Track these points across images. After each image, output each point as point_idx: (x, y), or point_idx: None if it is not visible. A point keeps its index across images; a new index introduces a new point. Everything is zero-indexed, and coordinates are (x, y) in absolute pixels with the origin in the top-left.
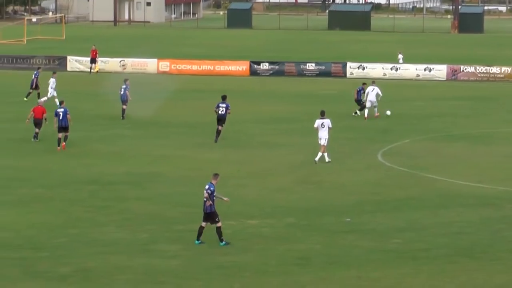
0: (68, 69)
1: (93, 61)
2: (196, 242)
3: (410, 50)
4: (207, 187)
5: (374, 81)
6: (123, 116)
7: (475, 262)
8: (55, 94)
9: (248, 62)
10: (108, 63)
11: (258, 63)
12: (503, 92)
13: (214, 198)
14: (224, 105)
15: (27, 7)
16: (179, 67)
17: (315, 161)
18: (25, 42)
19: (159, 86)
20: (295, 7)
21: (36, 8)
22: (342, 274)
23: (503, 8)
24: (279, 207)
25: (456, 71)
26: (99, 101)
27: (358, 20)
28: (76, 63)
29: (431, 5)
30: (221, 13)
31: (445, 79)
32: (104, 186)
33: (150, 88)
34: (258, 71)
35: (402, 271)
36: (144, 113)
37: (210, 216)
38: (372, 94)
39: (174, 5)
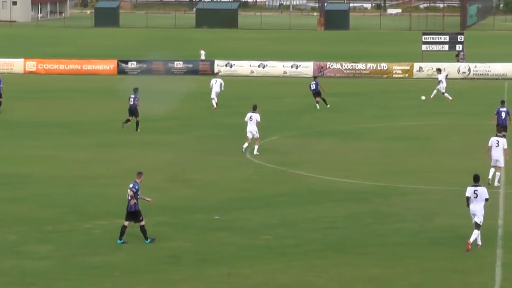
0: None
1: None
2: (119, 241)
3: (277, 47)
4: (131, 185)
5: (218, 72)
6: None
7: (345, 256)
8: None
9: (115, 61)
10: None
11: (126, 62)
12: (369, 88)
13: (138, 197)
14: (133, 96)
15: None
16: (46, 66)
17: (242, 149)
18: None
19: (28, 86)
20: (162, 6)
21: None
22: (213, 272)
23: (368, 5)
24: (149, 206)
25: (322, 67)
26: None
27: (225, 18)
28: None
29: (298, 3)
30: (88, 12)
31: (312, 75)
32: None
33: (19, 88)
34: (126, 70)
35: (273, 267)
36: (13, 113)
37: (134, 215)
38: (216, 86)
39: (40, 4)
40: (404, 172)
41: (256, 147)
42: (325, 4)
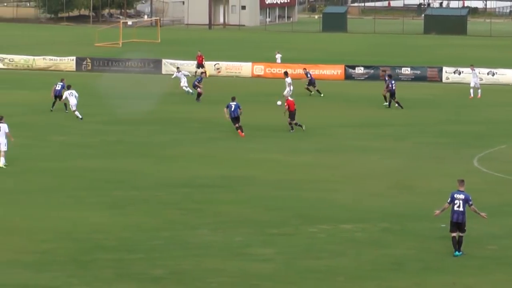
0: (163, 72)
1: (200, 66)
2: (456, 253)
3: (507, 54)
4: (456, 195)
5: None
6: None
7: None
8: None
9: (343, 66)
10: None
11: (353, 67)
12: None
13: (473, 207)
14: (393, 82)
15: (123, 10)
16: (274, 71)
17: None
18: (121, 45)
19: (255, 89)
20: (390, 11)
21: (132, 11)
22: (437, 280)
23: None
24: (372, 212)
25: None
26: (193, 104)
27: (454, 24)
28: (171, 66)
29: None
30: (316, 17)
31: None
32: (198, 188)
33: (246, 91)
34: (353, 75)
35: (497, 277)
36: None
37: (460, 225)
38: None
39: (269, 8)
40: None
41: None
42: None
